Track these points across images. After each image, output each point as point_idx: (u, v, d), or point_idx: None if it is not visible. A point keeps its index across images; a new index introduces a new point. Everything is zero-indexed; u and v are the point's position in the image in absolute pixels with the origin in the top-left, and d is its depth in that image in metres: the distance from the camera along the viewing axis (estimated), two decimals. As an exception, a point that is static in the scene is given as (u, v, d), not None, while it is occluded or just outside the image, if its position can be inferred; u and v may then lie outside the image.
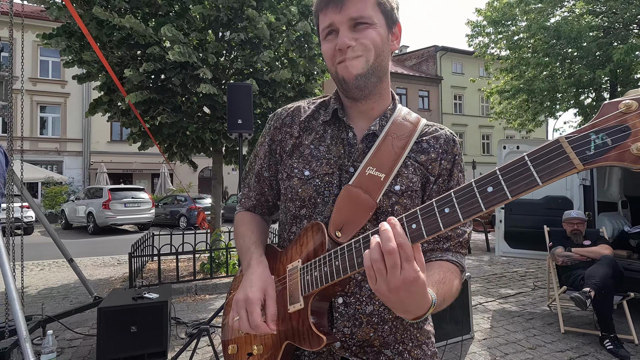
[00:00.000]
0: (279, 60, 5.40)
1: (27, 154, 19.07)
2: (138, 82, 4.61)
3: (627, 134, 0.47)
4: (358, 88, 0.78)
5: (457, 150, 0.85)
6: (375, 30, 0.76)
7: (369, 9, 0.75)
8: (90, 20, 4.40)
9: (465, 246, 0.81)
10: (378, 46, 0.76)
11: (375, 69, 0.78)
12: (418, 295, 0.55)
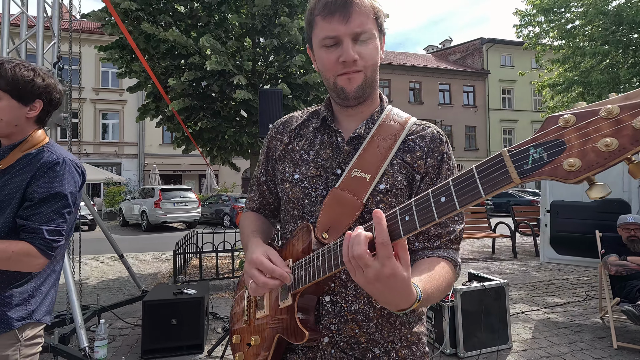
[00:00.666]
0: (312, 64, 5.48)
1: (90, 157, 21.03)
2: (181, 90, 4.92)
3: (562, 149, 0.46)
4: (356, 99, 0.83)
5: (444, 148, 0.85)
6: (374, 44, 0.81)
7: (370, 22, 0.79)
8: (139, 34, 4.77)
9: (456, 242, 0.83)
10: (376, 61, 0.82)
11: (372, 81, 0.84)
12: (399, 289, 0.58)
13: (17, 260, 1.11)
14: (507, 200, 17.74)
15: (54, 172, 1.19)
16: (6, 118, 1.18)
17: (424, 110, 25.86)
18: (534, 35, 10.89)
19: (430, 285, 0.69)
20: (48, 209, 1.17)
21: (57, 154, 1.23)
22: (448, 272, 0.76)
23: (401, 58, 27.66)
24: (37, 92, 1.22)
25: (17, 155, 1.20)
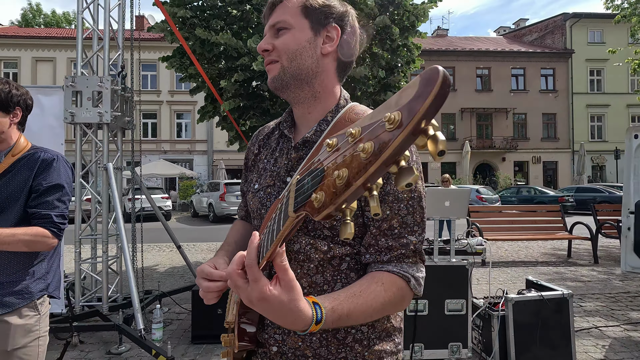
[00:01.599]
0: (360, 56, 5.36)
1: (167, 153, 23.25)
2: (233, 90, 5.15)
3: (318, 180, 0.37)
4: (276, 90, 0.81)
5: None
6: (291, 33, 0.77)
7: (288, 14, 0.78)
8: (195, 40, 5.09)
9: (412, 255, 0.75)
10: (291, 48, 0.77)
11: (296, 73, 0.78)
12: (279, 312, 0.56)
13: (36, 242, 1.32)
14: (592, 196, 15.63)
15: (51, 167, 1.40)
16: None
17: (494, 98, 23.84)
18: (628, 5, 9.37)
19: (348, 304, 0.64)
20: (52, 197, 1.37)
21: (51, 153, 1.44)
22: (389, 289, 0.70)
23: (467, 43, 25.76)
24: (15, 100, 1.40)
25: (10, 160, 1.39)
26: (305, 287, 0.76)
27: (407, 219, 0.75)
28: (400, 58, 5.51)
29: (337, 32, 0.80)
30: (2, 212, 1.35)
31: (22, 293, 1.35)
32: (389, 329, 0.81)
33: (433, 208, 2.77)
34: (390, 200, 0.74)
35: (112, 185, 3.38)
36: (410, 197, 0.75)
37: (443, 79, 0.31)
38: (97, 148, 3.70)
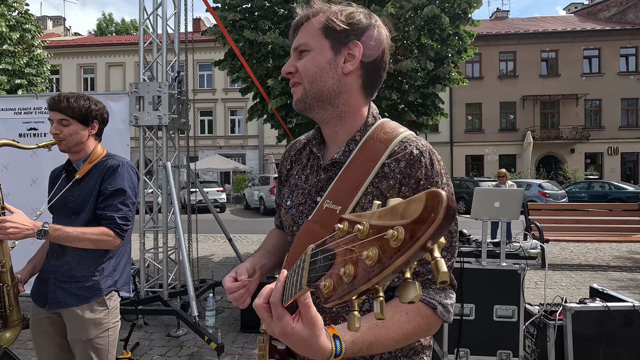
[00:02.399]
0: (407, 49, 5.19)
1: (222, 149, 24.52)
2: (280, 88, 5.28)
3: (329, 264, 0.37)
4: (301, 111, 0.83)
5: (422, 173, 0.74)
6: (311, 56, 0.78)
7: (309, 36, 0.79)
8: (244, 42, 5.30)
9: (433, 284, 0.73)
10: (311, 71, 0.78)
11: (318, 95, 0.79)
12: (300, 346, 0.58)
13: (101, 240, 1.48)
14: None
15: (116, 173, 1.55)
16: (76, 137, 1.56)
17: (561, 83, 21.68)
18: None
19: (369, 336, 0.65)
20: (116, 201, 1.52)
21: (117, 160, 1.60)
22: (413, 318, 0.69)
23: (530, 24, 23.63)
24: (94, 115, 1.59)
25: (87, 167, 1.58)
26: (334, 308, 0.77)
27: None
28: (450, 48, 5.24)
29: (359, 50, 0.78)
30: (79, 213, 1.55)
31: (92, 289, 1.53)
32: (417, 348, 0.80)
33: (481, 208, 2.63)
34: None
35: (170, 181, 3.68)
36: None
37: (446, 208, 0.32)
38: (158, 147, 4.04)
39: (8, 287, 1.52)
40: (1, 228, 1.33)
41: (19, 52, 8.07)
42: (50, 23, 31.05)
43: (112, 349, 1.61)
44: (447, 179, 0.77)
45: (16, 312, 1.57)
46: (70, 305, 1.52)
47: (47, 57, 9.32)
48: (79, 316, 1.52)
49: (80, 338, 1.52)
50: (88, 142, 1.61)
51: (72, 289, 1.53)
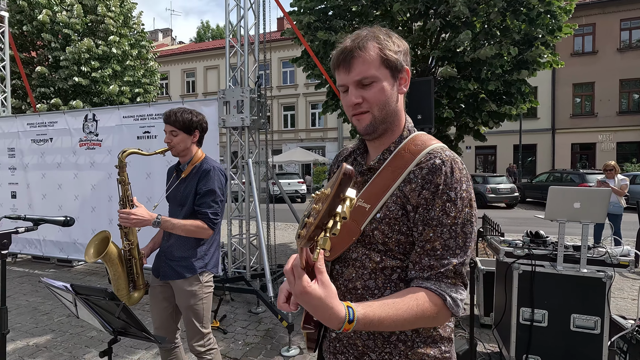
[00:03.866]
0: (488, 34, 4.85)
1: (304, 142, 25.61)
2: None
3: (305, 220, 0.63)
4: (368, 134, 0.92)
5: (441, 179, 0.83)
6: (379, 85, 0.87)
7: (372, 68, 0.86)
8: (318, 42, 5.55)
9: (451, 276, 0.81)
10: (381, 100, 0.88)
11: (384, 118, 0.90)
12: (316, 306, 0.67)
13: (197, 231, 1.85)
14: None
15: (208, 175, 1.90)
16: (182, 145, 1.93)
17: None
18: None
19: (380, 311, 0.74)
20: (208, 199, 1.87)
21: (210, 165, 1.94)
22: (422, 304, 0.78)
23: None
24: (195, 125, 1.93)
25: (190, 168, 1.95)
26: (359, 289, 0.88)
27: (450, 243, 0.82)
28: (540, 28, 4.73)
29: (408, 73, 0.91)
30: (184, 205, 1.94)
31: (188, 267, 1.92)
32: (435, 337, 0.88)
33: (558, 209, 2.44)
34: (434, 224, 0.82)
35: (251, 176, 4.14)
36: (454, 222, 0.82)
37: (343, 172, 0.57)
38: (241, 145, 4.55)
39: (136, 259, 1.99)
40: (128, 219, 1.76)
41: (137, 66, 9.68)
42: (161, 35, 35.82)
43: (206, 314, 2.01)
44: (468, 186, 0.84)
45: (142, 278, 2.02)
46: (173, 278, 1.94)
47: (157, 67, 10.95)
48: (182, 288, 1.93)
49: (183, 304, 1.95)
50: (191, 147, 1.98)
51: (174, 266, 1.94)
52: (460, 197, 0.83)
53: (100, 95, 8.82)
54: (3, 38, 6.44)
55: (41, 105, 8.20)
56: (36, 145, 5.76)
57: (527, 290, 2.50)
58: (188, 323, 1.94)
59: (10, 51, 6.55)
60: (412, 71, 5.19)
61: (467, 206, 0.83)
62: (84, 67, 8.40)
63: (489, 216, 6.62)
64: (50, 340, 3.28)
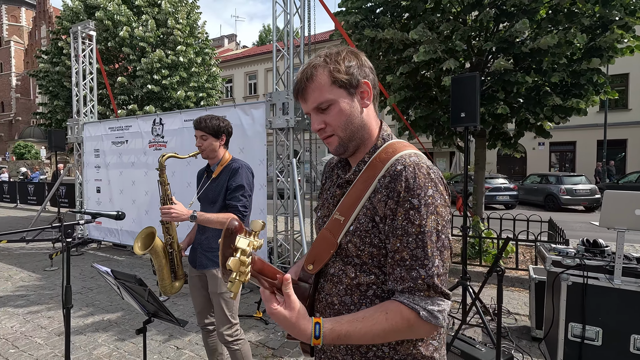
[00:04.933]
0: (551, 21, 4.41)
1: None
2: (400, 83, 5.31)
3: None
4: (341, 154, 0.95)
5: (402, 187, 0.81)
6: (337, 106, 0.88)
7: (325, 93, 0.87)
8: (366, 41, 5.52)
9: (423, 289, 0.79)
10: (342, 120, 0.89)
11: (351, 136, 0.91)
12: (286, 325, 0.79)
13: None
14: None
15: (237, 173, 2.07)
16: (211, 147, 2.11)
17: None
18: None
19: (348, 326, 0.79)
20: (238, 194, 2.04)
21: (239, 164, 2.12)
22: (392, 318, 0.79)
23: None
24: (222, 130, 2.12)
25: (219, 169, 2.14)
26: (336, 304, 0.89)
27: (417, 252, 0.79)
28: (617, 10, 4.18)
29: (367, 85, 0.90)
30: (215, 202, 2.14)
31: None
32: (415, 355, 0.86)
33: (615, 216, 2.17)
34: (400, 234, 0.80)
35: (294, 176, 4.29)
36: (420, 231, 0.79)
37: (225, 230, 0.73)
38: (287, 146, 4.73)
39: (176, 252, 2.22)
40: (169, 214, 1.98)
41: (201, 72, 10.49)
42: (226, 41, 38.17)
43: (236, 305, 2.18)
44: (435, 191, 0.81)
45: (181, 269, 2.26)
46: (209, 267, 2.13)
47: (219, 72, 11.73)
48: (215, 276, 2.12)
49: (215, 291, 2.13)
50: (219, 150, 2.18)
51: (210, 256, 2.14)
52: (425, 203, 0.80)
53: (169, 100, 9.74)
54: (92, 54, 7.44)
55: (121, 111, 9.31)
56: (115, 146, 6.57)
57: (577, 304, 2.27)
58: (218, 310, 2.12)
59: (97, 65, 7.55)
60: (464, 65, 4.91)
61: (434, 213, 0.80)
62: (156, 75, 9.34)
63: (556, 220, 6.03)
64: (120, 317, 3.77)
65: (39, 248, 7.01)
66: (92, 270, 5.51)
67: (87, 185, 7.15)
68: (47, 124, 10.57)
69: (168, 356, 2.97)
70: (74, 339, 3.22)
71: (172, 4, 10.17)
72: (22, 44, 48.40)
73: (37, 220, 8.50)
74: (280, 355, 2.98)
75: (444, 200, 0.83)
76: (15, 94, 47.40)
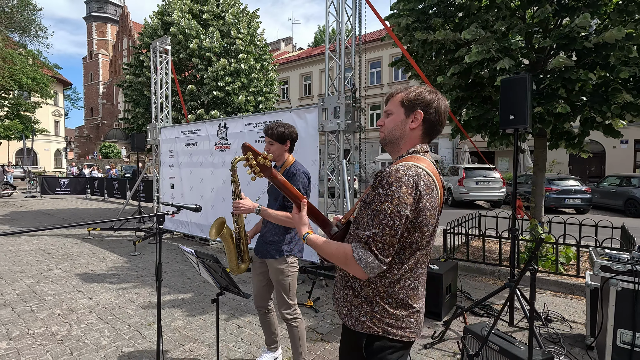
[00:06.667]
0: (621, 12, 4.12)
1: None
2: (452, 83, 5.29)
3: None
4: (383, 145, 1.40)
5: (378, 180, 1.19)
6: (392, 117, 1.35)
7: (393, 106, 1.35)
8: (417, 43, 5.57)
9: (363, 240, 1.17)
10: (389, 127, 1.35)
11: (390, 140, 1.35)
12: (295, 223, 1.38)
13: (285, 221, 2.28)
14: None
15: (295, 177, 2.36)
16: (277, 152, 2.41)
17: None
18: None
19: (320, 242, 1.29)
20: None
21: (296, 169, 2.40)
22: (341, 249, 1.22)
23: None
24: (287, 137, 2.41)
25: (282, 170, 2.43)
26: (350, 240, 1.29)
27: (369, 221, 1.18)
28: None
29: (420, 115, 1.30)
30: (277, 199, 2.46)
31: (277, 250, 2.45)
32: (370, 299, 1.26)
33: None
34: (365, 207, 1.21)
35: (344, 176, 4.54)
36: (375, 209, 1.17)
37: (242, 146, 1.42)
38: (337, 147, 4.99)
39: (243, 240, 2.59)
40: (238, 207, 2.34)
41: (260, 77, 11.19)
42: (283, 44, 39.55)
43: (292, 289, 2.50)
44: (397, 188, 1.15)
45: (247, 254, 2.61)
46: (267, 257, 2.48)
47: (276, 77, 12.37)
48: (273, 266, 2.47)
49: (274, 279, 2.49)
50: (284, 154, 2.49)
51: (268, 248, 2.49)
52: (385, 193, 1.16)
53: (231, 105, 10.55)
54: (167, 66, 8.39)
55: (190, 116, 10.31)
56: (186, 148, 7.38)
57: (627, 310, 2.23)
58: (278, 294, 2.46)
59: (171, 75, 8.49)
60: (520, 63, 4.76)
61: (388, 201, 1.15)
62: (220, 82, 10.17)
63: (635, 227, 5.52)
64: (191, 297, 4.34)
65: (124, 236, 8.11)
66: (167, 256, 6.29)
67: (163, 182, 8.11)
68: (130, 128, 12.03)
69: (231, 332, 3.41)
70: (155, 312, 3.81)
71: (234, 16, 10.99)
72: (107, 56, 54.78)
73: (122, 211, 9.79)
74: (328, 340, 3.26)
75: (403, 197, 1.15)
76: (102, 100, 53.83)
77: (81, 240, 7.63)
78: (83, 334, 3.36)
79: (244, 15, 11.53)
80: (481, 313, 3.90)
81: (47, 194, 17.23)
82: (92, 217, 10.96)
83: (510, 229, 3.51)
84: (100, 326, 3.53)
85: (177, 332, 3.41)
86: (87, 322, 3.62)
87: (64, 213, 11.87)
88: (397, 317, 1.25)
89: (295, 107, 5.81)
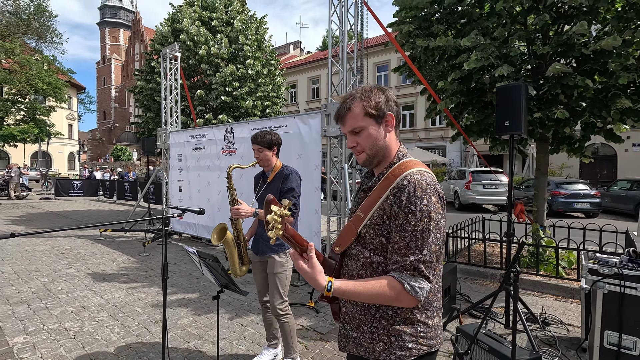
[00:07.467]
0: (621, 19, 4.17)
1: (422, 141, 24.90)
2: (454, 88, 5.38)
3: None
4: (366, 166, 1.28)
5: (404, 196, 1.09)
6: (366, 131, 1.20)
7: (359, 121, 1.20)
8: (419, 49, 5.68)
9: (410, 269, 1.07)
10: (370, 142, 1.21)
11: (375, 154, 1.22)
12: (308, 278, 1.10)
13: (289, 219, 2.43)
14: None
15: (288, 178, 2.50)
16: (264, 158, 2.56)
17: None
18: None
19: (351, 287, 1.09)
20: (289, 195, 2.47)
21: (289, 170, 2.55)
22: (385, 286, 1.08)
23: None
24: (274, 143, 2.56)
25: (273, 174, 2.59)
26: (355, 276, 1.20)
27: (410, 244, 1.08)
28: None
29: (391, 116, 1.22)
30: None
31: (280, 246, 2.60)
32: (412, 319, 1.15)
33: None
34: (399, 230, 1.10)
35: (345, 180, 4.66)
36: (414, 229, 1.08)
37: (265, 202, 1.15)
38: (340, 152, 5.12)
39: (242, 242, 2.74)
40: (238, 212, 2.48)
41: (267, 82, 11.41)
42: (291, 47, 39.89)
43: (287, 284, 2.65)
44: (429, 201, 1.08)
45: (246, 256, 2.77)
46: (270, 254, 2.62)
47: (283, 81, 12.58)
48: (273, 259, 2.61)
49: (272, 271, 2.62)
50: (272, 159, 2.64)
51: (269, 245, 2.62)
52: (420, 210, 1.08)
53: (239, 109, 10.77)
54: (177, 72, 8.64)
55: (199, 120, 10.55)
56: (194, 152, 7.58)
57: (614, 312, 2.29)
58: (273, 287, 2.60)
59: (181, 81, 8.73)
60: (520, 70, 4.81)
61: (426, 217, 1.07)
62: (228, 87, 10.40)
63: (634, 231, 5.51)
64: (197, 297, 4.49)
65: (134, 237, 8.35)
66: (175, 257, 6.48)
67: (171, 185, 8.33)
68: (141, 132, 12.35)
69: (234, 330, 3.55)
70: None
71: (242, 22, 11.23)
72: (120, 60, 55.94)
73: (133, 213, 10.05)
74: (328, 339, 3.37)
75: (436, 208, 1.10)
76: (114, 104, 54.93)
77: (93, 241, 7.88)
78: (94, 330, 3.53)
79: (252, 21, 11.77)
80: (479, 315, 3.97)
81: (61, 195, 17.71)
82: (104, 219, 11.26)
83: (506, 232, 3.58)
84: (111, 323, 3.71)
85: (183, 330, 3.56)
86: (98, 319, 3.79)
87: (77, 214, 12.21)
88: (435, 327, 1.18)
89: (300, 113, 5.95)
